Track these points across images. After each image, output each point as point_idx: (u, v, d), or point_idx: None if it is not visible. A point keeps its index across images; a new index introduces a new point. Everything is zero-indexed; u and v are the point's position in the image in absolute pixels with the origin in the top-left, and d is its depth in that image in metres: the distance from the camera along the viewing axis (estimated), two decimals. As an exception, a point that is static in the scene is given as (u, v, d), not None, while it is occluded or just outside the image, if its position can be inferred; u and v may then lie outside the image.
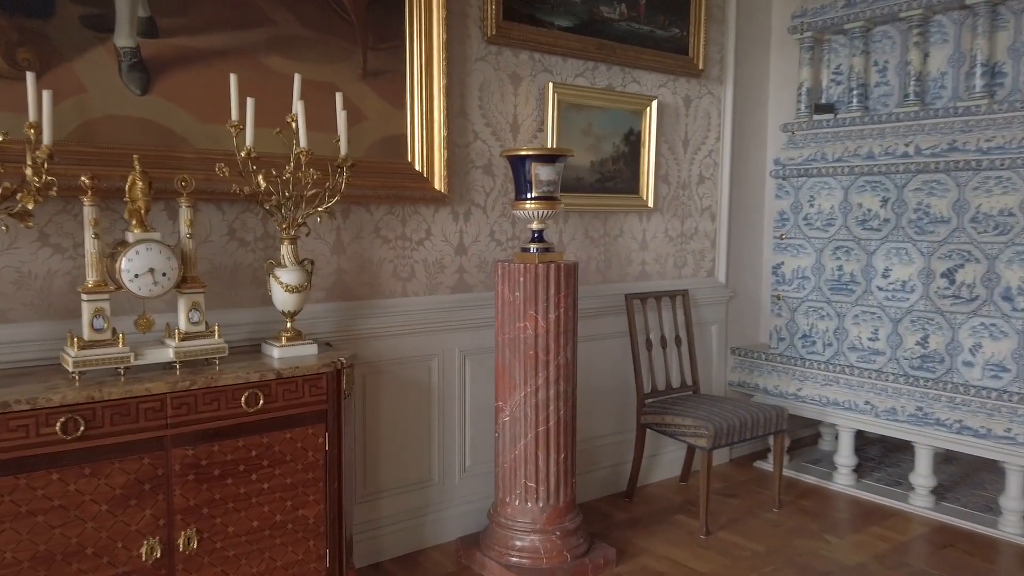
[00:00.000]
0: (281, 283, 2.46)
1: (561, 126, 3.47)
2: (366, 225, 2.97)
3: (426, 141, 3.01)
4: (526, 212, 2.86)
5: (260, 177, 2.37)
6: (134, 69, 2.40)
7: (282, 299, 2.48)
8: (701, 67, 3.97)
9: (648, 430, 3.63)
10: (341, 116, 2.52)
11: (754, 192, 4.43)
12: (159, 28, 2.43)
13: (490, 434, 3.25)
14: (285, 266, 2.48)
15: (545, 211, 2.86)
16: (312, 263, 2.58)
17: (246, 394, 2.22)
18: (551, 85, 3.40)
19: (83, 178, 2.12)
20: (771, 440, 3.78)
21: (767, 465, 4.06)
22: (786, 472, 3.92)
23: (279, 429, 2.30)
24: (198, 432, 2.15)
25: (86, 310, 2.13)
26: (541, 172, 2.82)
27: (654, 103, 3.78)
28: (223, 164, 2.34)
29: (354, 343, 2.93)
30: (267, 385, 2.27)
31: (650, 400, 3.67)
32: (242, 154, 2.33)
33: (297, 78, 2.46)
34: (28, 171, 1.99)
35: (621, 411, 3.83)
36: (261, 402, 2.25)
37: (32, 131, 2.04)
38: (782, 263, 4.15)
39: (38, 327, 2.29)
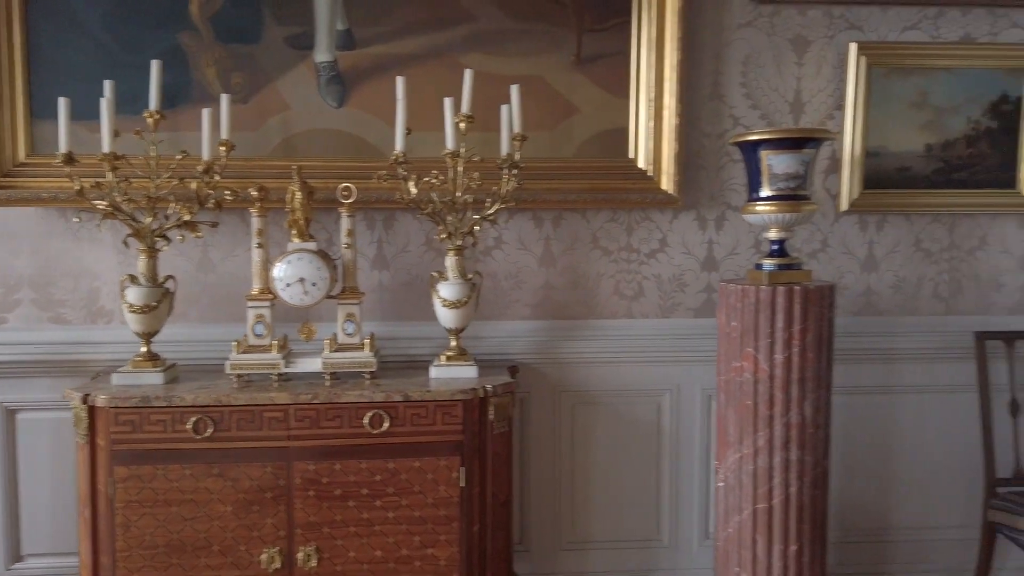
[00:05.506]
0: (440, 298, 2.26)
1: (871, 100, 2.57)
2: (581, 234, 2.59)
3: (653, 133, 2.50)
4: (758, 217, 2.16)
5: (411, 184, 2.21)
6: (332, 82, 2.46)
7: (442, 315, 2.28)
8: None
9: (999, 533, 2.47)
10: (505, 110, 2.22)
11: None
12: (356, 39, 2.45)
13: (736, 499, 2.57)
14: (448, 279, 2.28)
15: (784, 215, 2.12)
16: (480, 276, 2.33)
17: (370, 414, 2.09)
18: (854, 47, 2.53)
19: (251, 190, 2.23)
20: None
21: None
22: None
23: (406, 456, 2.11)
24: (320, 448, 2.09)
25: (249, 316, 2.24)
26: (775, 163, 2.09)
27: (1049, 53, 2.56)
28: (383, 172, 2.24)
29: (561, 368, 2.58)
30: (393, 407, 2.10)
31: (1007, 489, 2.49)
32: (392, 158, 2.21)
33: (467, 75, 2.23)
34: (193, 184, 2.16)
35: (966, 498, 2.69)
36: (386, 425, 2.09)
37: (223, 148, 2.22)
38: None
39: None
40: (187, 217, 2.15)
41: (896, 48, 2.56)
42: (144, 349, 2.22)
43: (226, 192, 2.24)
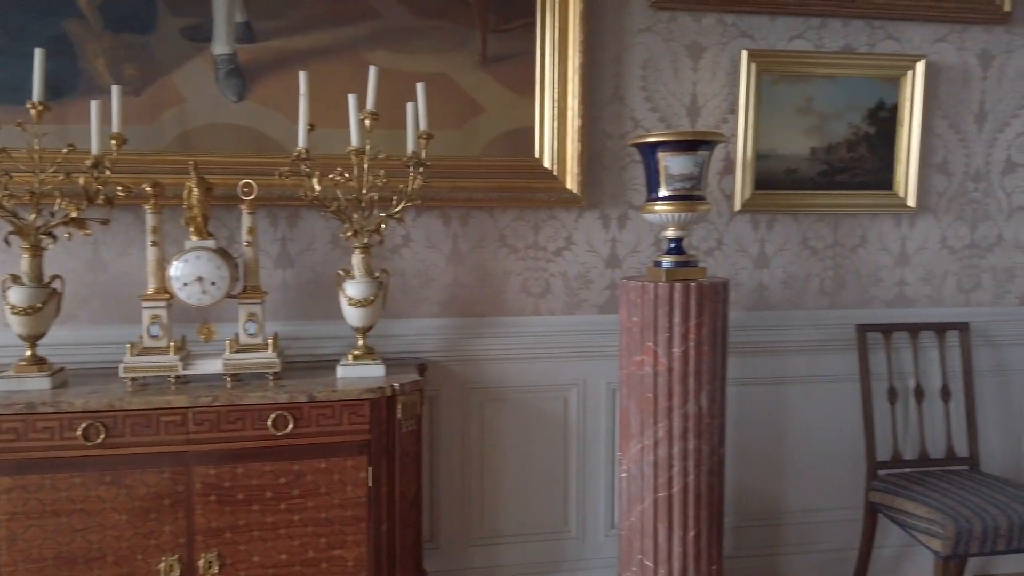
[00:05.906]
0: (347, 296, 2.24)
1: (761, 105, 2.70)
2: (488, 232, 2.61)
3: (558, 133, 2.55)
4: (656, 216, 2.24)
5: (315, 181, 2.18)
6: (231, 76, 2.39)
7: (349, 313, 2.26)
8: (1009, 8, 2.80)
9: (880, 513, 2.64)
10: (411, 108, 2.22)
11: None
12: (255, 32, 2.40)
13: (639, 488, 2.65)
14: (354, 277, 2.26)
15: (681, 215, 2.20)
16: (388, 274, 2.32)
17: (273, 416, 2.05)
18: (745, 54, 2.65)
19: (145, 186, 2.15)
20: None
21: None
22: None
23: (313, 457, 2.08)
24: (221, 451, 2.04)
25: (144, 317, 2.16)
26: (672, 164, 2.17)
27: (920, 65, 2.76)
28: (285, 169, 2.20)
29: (470, 365, 2.60)
30: (298, 408, 2.06)
31: (887, 472, 2.67)
32: (293, 155, 2.17)
33: (372, 71, 2.22)
34: (81, 179, 2.07)
35: (850, 481, 2.87)
36: (291, 426, 2.06)
37: (114, 141, 2.13)
38: None
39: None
40: (74, 214, 2.05)
41: (783, 56, 2.70)
42: (29, 353, 2.10)
43: (118, 188, 2.14)
